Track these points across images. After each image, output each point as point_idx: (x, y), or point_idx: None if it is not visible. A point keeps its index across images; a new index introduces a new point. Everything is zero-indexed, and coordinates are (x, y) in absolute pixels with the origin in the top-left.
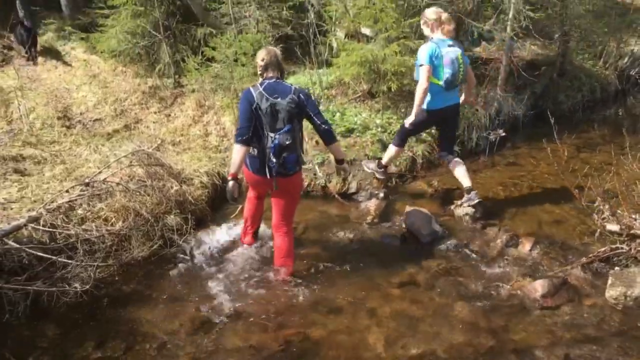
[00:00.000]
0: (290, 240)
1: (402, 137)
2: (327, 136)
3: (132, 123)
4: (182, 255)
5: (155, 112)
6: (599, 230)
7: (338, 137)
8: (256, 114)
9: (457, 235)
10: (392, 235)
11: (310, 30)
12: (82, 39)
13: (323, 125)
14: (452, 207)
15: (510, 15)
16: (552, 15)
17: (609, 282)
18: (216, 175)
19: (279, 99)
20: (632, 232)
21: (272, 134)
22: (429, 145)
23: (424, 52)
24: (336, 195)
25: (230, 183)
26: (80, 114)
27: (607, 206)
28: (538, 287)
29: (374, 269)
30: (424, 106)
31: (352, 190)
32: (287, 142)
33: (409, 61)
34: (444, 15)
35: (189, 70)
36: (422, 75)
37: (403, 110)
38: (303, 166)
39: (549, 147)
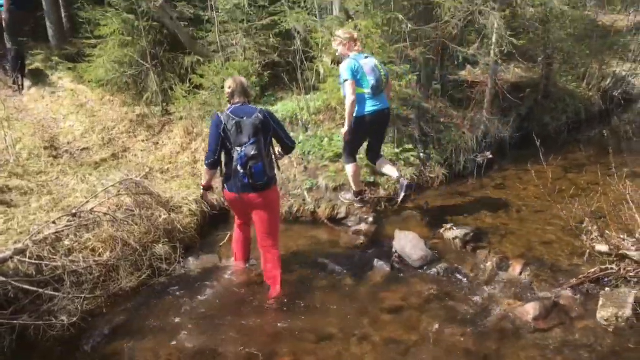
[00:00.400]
0: (276, 254)
1: (350, 152)
2: (290, 151)
3: (120, 152)
4: (171, 285)
5: (143, 141)
6: (588, 251)
7: (327, 162)
8: (224, 134)
9: (447, 258)
10: (382, 259)
11: (297, 57)
12: (69, 68)
13: (290, 143)
14: (442, 230)
15: (494, 40)
16: (535, 39)
17: (600, 303)
18: (205, 203)
19: (244, 118)
20: (621, 252)
21: (238, 148)
22: (417, 168)
23: (345, 69)
24: (325, 221)
25: (201, 192)
26: (68, 143)
27: (595, 227)
28: (530, 310)
29: (364, 294)
30: (356, 114)
31: (342, 215)
32: (253, 152)
33: (396, 86)
34: (356, 34)
35: (177, 98)
36: (348, 90)
37: (391, 134)
38: (292, 192)
39: (535, 168)
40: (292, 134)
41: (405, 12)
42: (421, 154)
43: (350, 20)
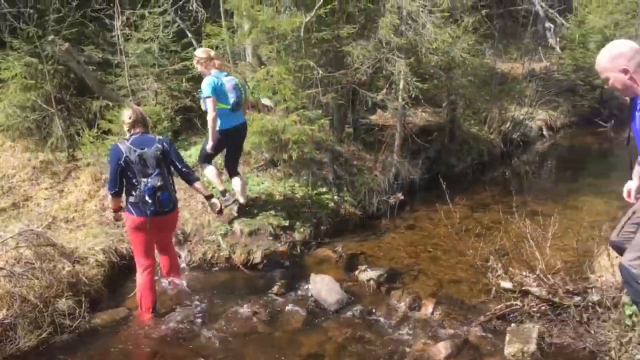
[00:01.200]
0: (175, 254)
1: (205, 159)
2: (188, 177)
3: (21, 201)
4: (74, 342)
5: (46, 188)
6: (494, 288)
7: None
8: (126, 165)
9: (362, 301)
10: (298, 304)
11: None
12: None
13: (183, 169)
14: (357, 272)
15: (401, 86)
16: (439, 85)
17: (507, 339)
18: (113, 252)
19: (145, 149)
20: (524, 288)
21: (144, 179)
22: (333, 211)
23: (206, 86)
24: (241, 267)
25: (114, 215)
26: None
27: (499, 264)
28: (442, 349)
29: (281, 341)
30: (219, 128)
31: (257, 260)
32: (159, 183)
33: (308, 130)
34: (213, 53)
35: (84, 144)
36: (209, 107)
37: (305, 177)
38: (206, 238)
39: (444, 209)
40: (205, 179)
41: (316, 59)
42: (335, 197)
43: (262, 66)
